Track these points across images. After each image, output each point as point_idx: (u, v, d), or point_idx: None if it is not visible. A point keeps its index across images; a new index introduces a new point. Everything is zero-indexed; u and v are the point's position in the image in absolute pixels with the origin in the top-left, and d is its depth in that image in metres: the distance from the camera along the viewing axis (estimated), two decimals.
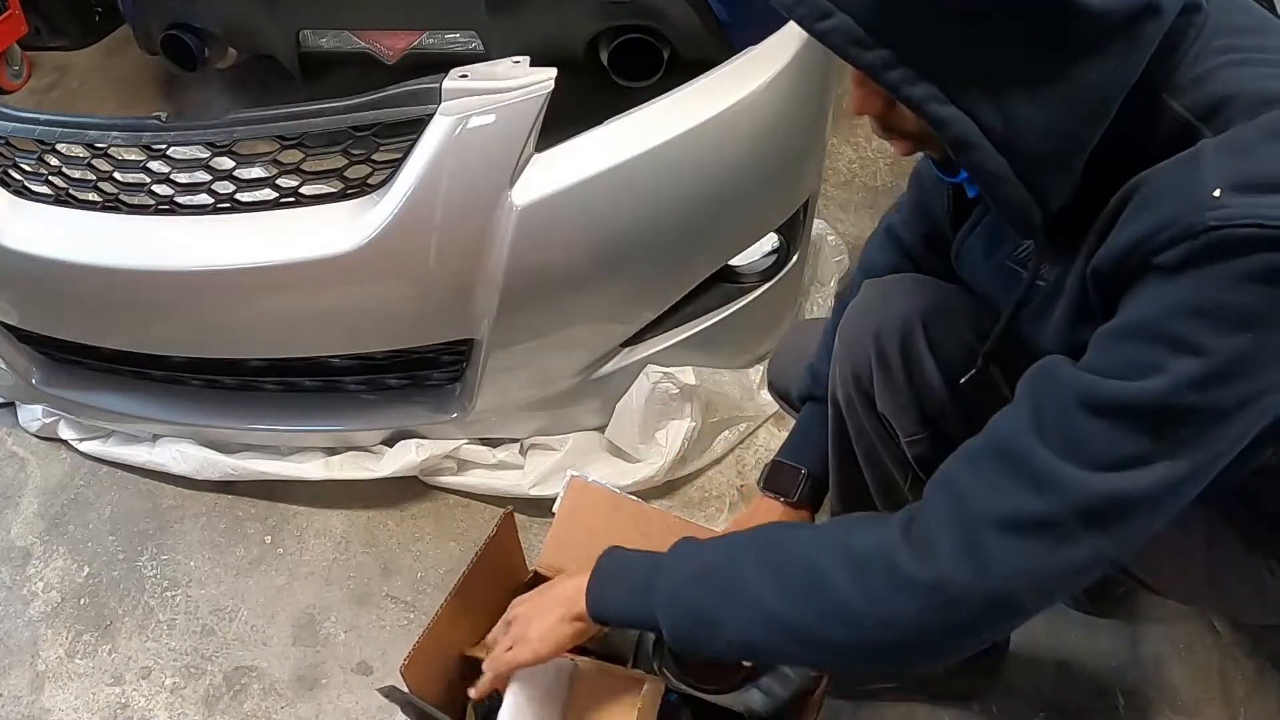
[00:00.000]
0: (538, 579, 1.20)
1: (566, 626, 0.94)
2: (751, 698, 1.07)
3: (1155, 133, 0.71)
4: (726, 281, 1.57)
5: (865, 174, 2.40)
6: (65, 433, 1.74)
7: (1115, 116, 0.69)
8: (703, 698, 1.07)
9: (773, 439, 1.71)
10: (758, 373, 1.68)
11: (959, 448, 0.77)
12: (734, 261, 1.56)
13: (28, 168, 1.42)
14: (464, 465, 1.62)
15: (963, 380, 0.94)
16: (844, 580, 0.75)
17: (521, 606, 0.99)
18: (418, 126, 1.27)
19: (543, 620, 0.95)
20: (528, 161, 1.29)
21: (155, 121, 1.32)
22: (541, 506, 1.55)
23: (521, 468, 1.61)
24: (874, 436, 1.05)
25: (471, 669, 1.19)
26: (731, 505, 1.61)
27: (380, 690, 1.03)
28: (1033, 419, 0.72)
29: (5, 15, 2.74)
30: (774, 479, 1.17)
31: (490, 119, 1.26)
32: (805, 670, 1.07)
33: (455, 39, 2.12)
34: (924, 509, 0.75)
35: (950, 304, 0.99)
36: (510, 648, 0.97)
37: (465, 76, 1.26)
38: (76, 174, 1.40)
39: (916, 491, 1.02)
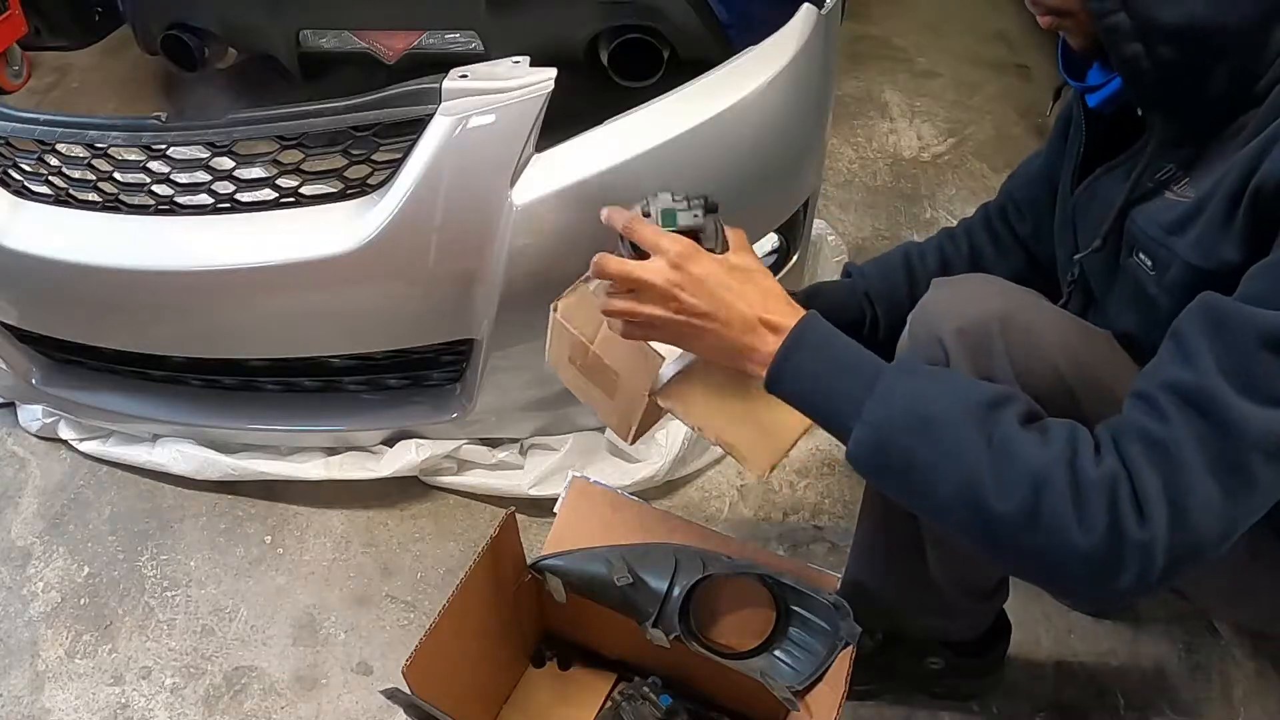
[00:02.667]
0: (535, 578, 1.20)
1: (726, 358, 0.84)
2: (771, 665, 1.07)
3: None
4: None
5: (865, 174, 2.40)
6: (65, 433, 1.74)
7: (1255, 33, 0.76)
8: (721, 661, 1.08)
9: None
10: None
11: (1136, 393, 0.74)
12: None
13: (28, 168, 1.42)
14: (464, 465, 1.62)
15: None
16: (1062, 503, 0.71)
17: (702, 269, 0.84)
18: (418, 126, 1.27)
19: (710, 332, 0.84)
20: (528, 161, 1.29)
21: (155, 121, 1.33)
22: (541, 506, 1.55)
23: (521, 468, 1.61)
24: None
25: (476, 670, 1.19)
26: (731, 505, 1.61)
27: (384, 692, 1.03)
28: (1214, 359, 0.70)
29: (5, 15, 2.74)
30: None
31: (490, 119, 1.26)
32: (835, 640, 1.06)
33: (455, 39, 2.12)
34: (1129, 459, 0.71)
35: (1029, 309, 0.95)
36: (651, 296, 0.86)
37: (465, 76, 1.26)
38: (76, 174, 1.40)
39: None
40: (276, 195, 1.35)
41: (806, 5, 1.47)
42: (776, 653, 1.08)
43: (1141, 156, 0.89)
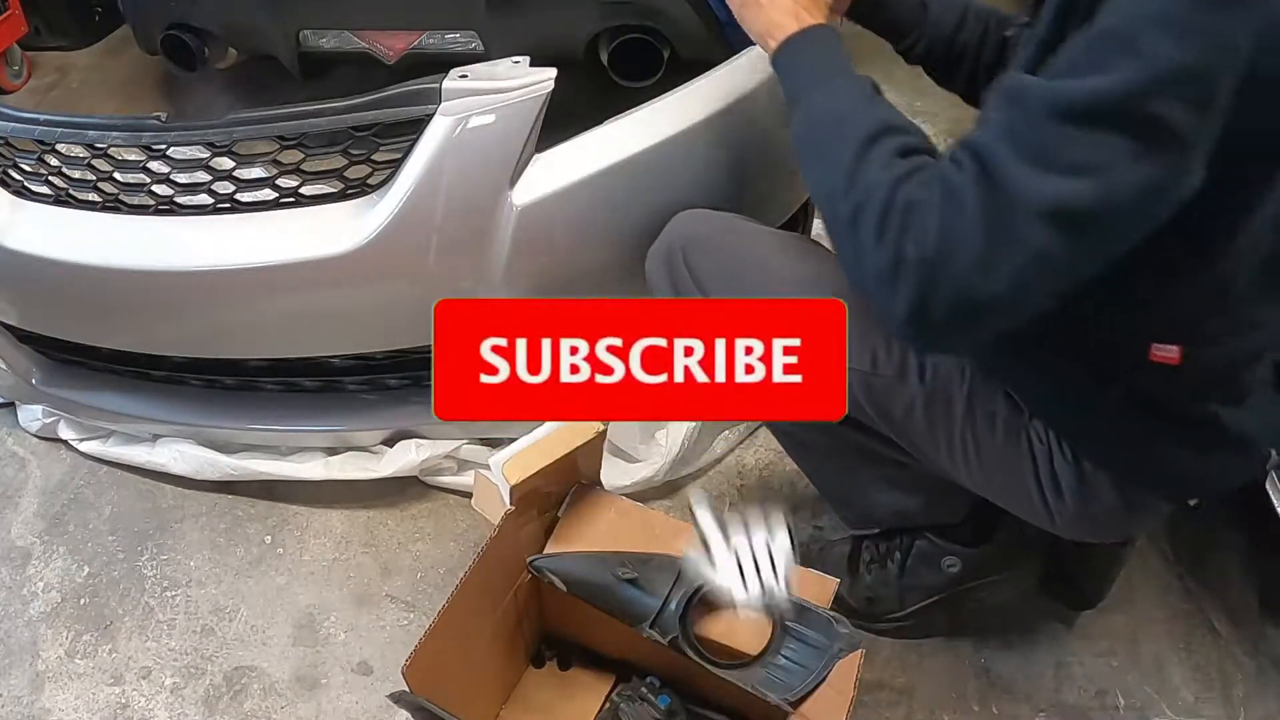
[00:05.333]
0: (535, 578, 1.20)
1: (762, 26, 1.04)
2: (764, 677, 1.07)
3: None
4: None
5: None
6: (65, 433, 1.74)
7: None
8: (717, 672, 1.08)
9: (773, 439, 1.71)
10: None
11: (959, 149, 0.82)
12: None
13: (28, 168, 1.42)
14: (464, 465, 1.62)
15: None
16: (874, 217, 0.82)
17: None
18: (418, 126, 1.27)
19: (765, 7, 1.04)
20: (528, 161, 1.29)
21: (155, 121, 1.33)
22: None
23: None
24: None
25: (475, 670, 1.19)
26: (731, 505, 1.61)
27: (390, 696, 1.03)
28: (1003, 125, 0.79)
29: (5, 15, 2.73)
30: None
31: (490, 119, 1.26)
32: (829, 657, 1.07)
33: (455, 39, 2.12)
34: (928, 192, 0.81)
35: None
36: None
37: (465, 76, 1.26)
38: (76, 174, 1.40)
39: None
40: (276, 195, 1.35)
41: None
42: (771, 665, 1.09)
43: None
